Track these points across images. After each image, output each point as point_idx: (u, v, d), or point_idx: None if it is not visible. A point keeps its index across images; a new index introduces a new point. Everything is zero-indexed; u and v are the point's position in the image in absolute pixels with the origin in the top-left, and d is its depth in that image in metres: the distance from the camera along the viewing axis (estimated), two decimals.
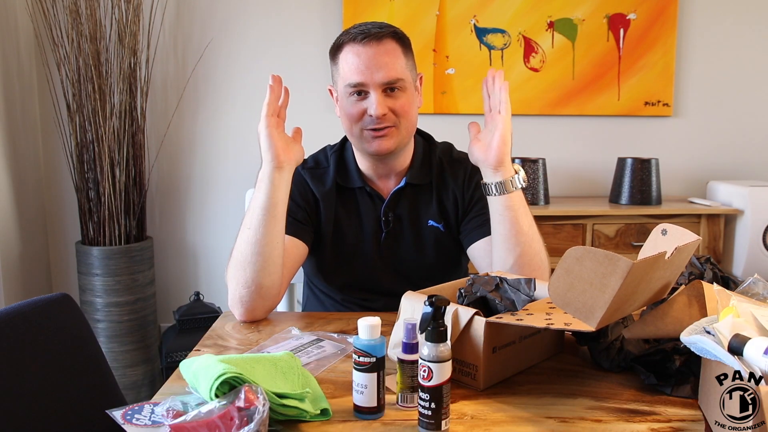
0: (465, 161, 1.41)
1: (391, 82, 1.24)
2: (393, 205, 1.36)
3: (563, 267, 0.80)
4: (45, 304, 1.05)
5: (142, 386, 2.52)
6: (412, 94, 1.29)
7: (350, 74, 1.24)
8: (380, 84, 1.23)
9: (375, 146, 1.27)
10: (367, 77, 1.23)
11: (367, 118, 1.25)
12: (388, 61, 1.23)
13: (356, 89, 1.24)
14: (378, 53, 1.22)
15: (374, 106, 1.23)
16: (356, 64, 1.23)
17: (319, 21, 2.70)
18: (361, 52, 1.23)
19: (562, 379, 0.95)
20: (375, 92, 1.23)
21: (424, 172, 1.38)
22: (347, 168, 1.38)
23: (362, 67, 1.22)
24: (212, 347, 1.09)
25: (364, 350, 0.82)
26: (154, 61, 2.65)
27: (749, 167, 2.90)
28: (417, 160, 1.38)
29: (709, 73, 2.84)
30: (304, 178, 1.37)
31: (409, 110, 1.28)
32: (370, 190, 1.36)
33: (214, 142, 2.78)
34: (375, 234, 1.36)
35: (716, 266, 1.04)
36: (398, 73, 1.24)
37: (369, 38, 1.22)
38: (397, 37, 1.26)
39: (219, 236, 2.83)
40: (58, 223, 2.77)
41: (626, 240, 2.54)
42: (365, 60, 1.22)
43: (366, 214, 1.36)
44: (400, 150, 1.32)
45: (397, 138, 1.28)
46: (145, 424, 0.75)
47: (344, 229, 1.36)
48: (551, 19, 2.75)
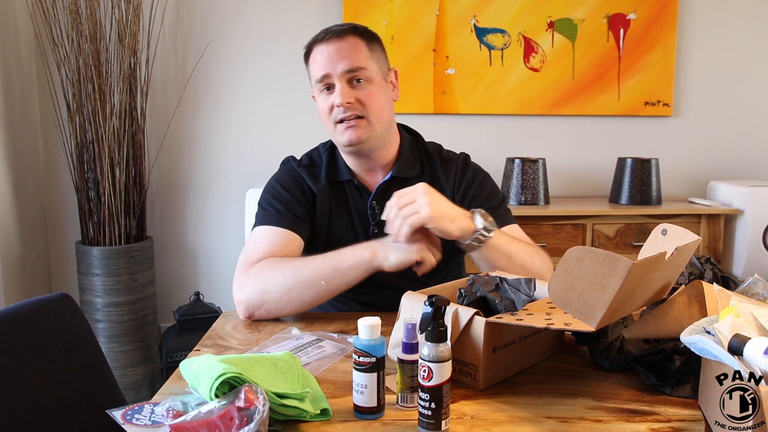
0: (455, 160, 1.44)
1: (352, 71, 1.28)
2: (380, 198, 1.37)
3: (563, 267, 0.80)
4: (45, 304, 1.05)
5: (142, 386, 2.52)
6: (381, 86, 1.33)
7: (316, 70, 1.31)
8: (342, 73, 1.28)
9: (345, 137, 1.31)
10: (329, 68, 1.29)
11: (335, 110, 1.30)
12: (350, 52, 1.29)
13: (324, 83, 1.31)
14: (339, 47, 1.29)
15: (337, 96, 1.28)
16: (320, 60, 1.30)
17: (319, 21, 2.70)
18: (324, 49, 1.30)
19: (562, 379, 0.95)
20: (339, 83, 1.29)
21: (410, 165, 1.40)
22: (337, 163, 1.41)
23: (325, 61, 1.29)
24: (212, 347, 1.09)
25: (364, 350, 0.82)
26: (154, 61, 2.65)
27: (749, 167, 2.90)
28: (404, 154, 1.40)
29: (709, 73, 2.84)
30: (300, 175, 1.39)
31: (376, 101, 1.31)
32: (358, 184, 1.39)
33: (214, 142, 2.78)
34: (364, 227, 1.38)
35: (716, 266, 1.04)
36: (360, 62, 1.29)
37: (330, 35, 1.30)
38: (359, 33, 1.32)
39: (219, 236, 2.83)
40: (58, 223, 2.77)
41: (626, 240, 2.54)
42: (327, 55, 1.29)
43: (355, 208, 1.39)
44: (374, 143, 1.33)
45: (367, 130, 1.31)
46: (145, 424, 0.75)
47: (336, 224, 1.38)
48: (551, 19, 2.75)
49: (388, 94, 1.35)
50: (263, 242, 1.29)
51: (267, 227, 1.32)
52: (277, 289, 1.19)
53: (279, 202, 1.35)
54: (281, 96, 2.72)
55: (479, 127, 2.81)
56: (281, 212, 1.33)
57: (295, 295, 1.19)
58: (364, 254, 1.19)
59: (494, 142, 2.80)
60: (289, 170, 1.41)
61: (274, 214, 1.33)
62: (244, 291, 1.22)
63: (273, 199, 1.36)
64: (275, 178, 1.41)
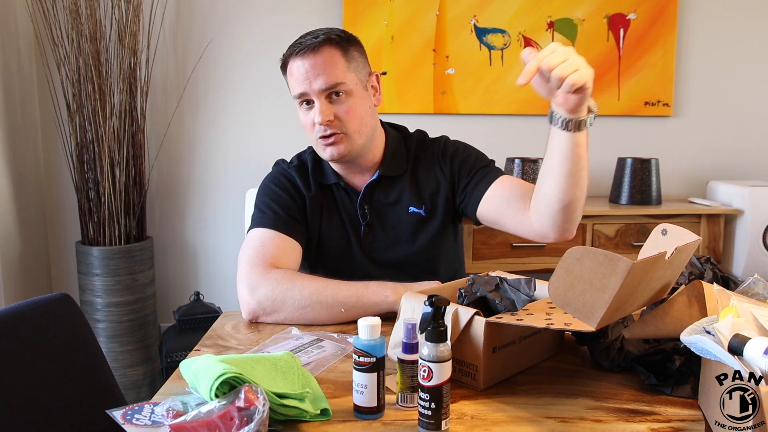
0: (437, 142, 1.44)
1: (330, 88, 1.27)
2: (368, 198, 1.38)
3: (563, 267, 0.80)
4: (45, 304, 1.05)
5: (142, 386, 2.52)
6: (361, 97, 1.31)
7: (294, 86, 1.29)
8: (320, 91, 1.27)
9: (327, 154, 1.32)
10: (306, 87, 1.27)
11: (316, 127, 1.29)
12: (326, 68, 1.26)
13: (302, 99, 1.30)
14: (315, 63, 1.26)
15: (317, 114, 1.27)
16: (296, 77, 1.28)
17: (319, 21, 2.70)
18: (300, 64, 1.27)
19: (562, 379, 0.95)
20: (318, 100, 1.28)
21: (396, 164, 1.40)
22: (323, 167, 1.41)
23: (301, 78, 1.27)
24: (212, 347, 1.09)
25: (364, 350, 0.82)
26: (154, 61, 2.65)
27: (749, 167, 2.90)
28: (389, 153, 1.40)
29: (709, 73, 2.84)
30: (293, 176, 1.40)
31: (356, 115, 1.30)
32: (345, 186, 1.39)
33: (214, 142, 2.78)
34: (354, 228, 1.39)
35: (716, 266, 1.04)
36: (337, 78, 1.27)
37: (304, 50, 1.27)
38: (334, 43, 1.28)
39: (219, 236, 2.83)
40: (58, 223, 2.77)
41: (626, 240, 2.54)
42: (303, 71, 1.27)
43: (344, 210, 1.39)
44: (356, 153, 1.33)
45: (347, 144, 1.30)
46: (145, 424, 0.75)
47: (327, 226, 1.39)
48: (551, 19, 2.75)
49: (369, 103, 1.34)
50: (270, 245, 1.28)
51: (269, 230, 1.31)
52: (292, 302, 1.19)
53: (276, 204, 1.35)
54: (281, 96, 2.71)
55: (479, 127, 2.81)
56: (279, 215, 1.33)
57: (310, 313, 1.19)
58: (390, 296, 1.18)
59: (494, 142, 2.80)
60: (281, 171, 1.42)
61: (273, 217, 1.33)
62: (256, 294, 1.20)
63: (270, 201, 1.36)
64: (269, 179, 1.42)
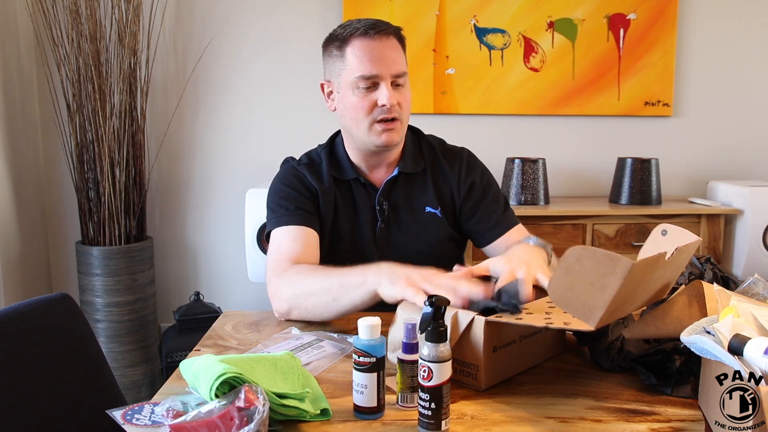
0: (459, 153, 1.45)
1: (399, 75, 1.30)
2: (387, 194, 1.38)
3: (563, 267, 0.80)
4: (45, 304, 1.05)
5: (142, 386, 2.52)
6: (409, 90, 1.36)
7: (363, 66, 1.27)
8: (391, 76, 1.29)
9: (384, 138, 1.31)
10: (381, 69, 1.27)
11: (377, 110, 1.29)
12: (396, 56, 1.30)
13: (369, 81, 1.28)
14: (388, 47, 1.29)
15: (387, 96, 1.27)
16: (369, 57, 1.27)
17: (319, 21, 2.70)
18: (373, 45, 1.28)
19: (562, 379, 0.95)
20: (386, 84, 1.28)
21: (415, 161, 1.41)
22: (339, 161, 1.41)
23: (375, 60, 1.27)
24: (212, 347, 1.09)
25: (364, 350, 0.82)
26: (154, 61, 2.65)
27: (749, 167, 2.90)
28: (408, 151, 1.41)
29: (709, 73, 2.84)
30: (302, 173, 1.39)
31: (408, 105, 1.35)
32: (364, 181, 1.39)
33: (214, 142, 2.77)
34: (371, 224, 1.38)
35: (716, 266, 1.04)
36: (404, 68, 1.32)
37: (379, 33, 1.28)
38: (399, 36, 1.34)
39: (219, 236, 2.82)
40: (58, 223, 2.77)
41: (626, 240, 2.54)
42: (378, 53, 1.27)
43: (361, 205, 1.39)
44: (398, 143, 1.36)
45: (401, 131, 1.34)
46: (145, 424, 0.75)
47: (342, 221, 1.38)
48: (551, 19, 2.75)
49: None
50: (285, 243, 1.29)
51: (283, 228, 1.31)
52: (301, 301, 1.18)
53: (287, 201, 1.35)
54: (281, 96, 2.72)
55: (479, 127, 2.81)
56: (291, 210, 1.33)
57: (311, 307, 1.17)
58: (369, 278, 1.08)
59: (494, 142, 2.80)
60: (290, 169, 1.42)
61: (285, 214, 1.33)
62: (275, 299, 1.22)
63: (281, 200, 1.36)
64: (278, 179, 1.41)
